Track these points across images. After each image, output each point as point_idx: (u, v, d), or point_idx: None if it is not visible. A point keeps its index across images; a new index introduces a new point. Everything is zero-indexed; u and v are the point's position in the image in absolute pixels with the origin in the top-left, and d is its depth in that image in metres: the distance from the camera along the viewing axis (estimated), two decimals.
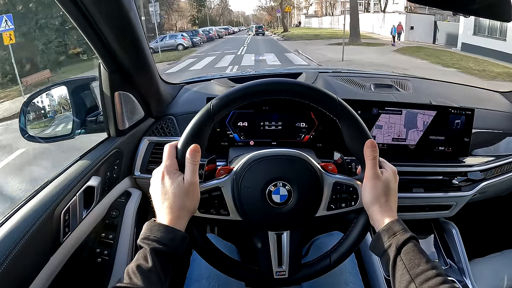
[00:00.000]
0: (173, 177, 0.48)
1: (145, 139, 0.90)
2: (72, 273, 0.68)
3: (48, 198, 0.62)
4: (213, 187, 0.53)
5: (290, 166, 0.54)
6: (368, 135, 0.52)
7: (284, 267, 0.55)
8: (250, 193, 0.53)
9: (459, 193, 0.91)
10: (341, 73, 1.16)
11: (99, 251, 0.76)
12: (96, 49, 0.70)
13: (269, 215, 0.53)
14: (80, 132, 0.85)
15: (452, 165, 0.90)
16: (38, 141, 0.82)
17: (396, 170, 0.54)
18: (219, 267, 0.55)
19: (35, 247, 0.57)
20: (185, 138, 0.50)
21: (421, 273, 0.44)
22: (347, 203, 0.54)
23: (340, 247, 0.56)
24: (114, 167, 0.81)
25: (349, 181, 0.54)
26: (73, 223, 0.67)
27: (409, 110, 0.88)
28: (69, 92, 0.84)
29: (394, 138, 0.89)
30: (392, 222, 0.49)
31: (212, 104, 0.50)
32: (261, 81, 0.51)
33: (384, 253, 0.48)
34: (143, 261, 0.43)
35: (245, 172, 0.53)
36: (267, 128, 0.88)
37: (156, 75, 0.87)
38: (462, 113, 0.88)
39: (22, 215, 0.58)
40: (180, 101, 1.00)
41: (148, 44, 0.79)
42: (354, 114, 0.52)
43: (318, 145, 0.89)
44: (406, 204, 0.91)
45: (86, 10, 0.60)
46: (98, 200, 0.75)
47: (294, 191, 0.53)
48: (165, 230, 0.45)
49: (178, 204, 0.47)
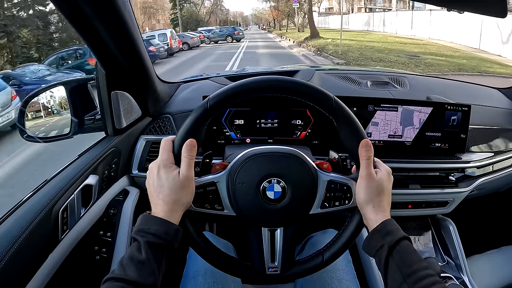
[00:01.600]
0: (168, 170, 0.49)
1: (143, 137, 0.90)
2: (70, 270, 0.69)
3: (47, 197, 0.63)
4: (208, 182, 0.54)
5: (285, 163, 0.55)
6: (363, 134, 0.52)
7: (276, 263, 0.55)
8: (245, 189, 0.53)
9: (456, 190, 0.91)
10: (338, 71, 1.16)
11: (97, 248, 0.77)
12: (92, 48, 0.70)
13: (263, 211, 0.54)
14: (78, 131, 0.86)
15: (448, 161, 0.90)
16: (37, 141, 0.83)
17: (390, 170, 0.54)
18: (213, 261, 0.56)
19: (33, 245, 0.58)
20: (181, 133, 0.51)
21: (413, 273, 0.44)
22: (341, 202, 0.55)
23: (333, 245, 0.56)
24: (112, 166, 0.82)
25: (343, 179, 0.55)
26: (71, 221, 0.67)
27: (405, 107, 0.88)
28: (67, 92, 0.85)
29: (390, 135, 0.89)
30: (385, 222, 0.49)
31: (209, 100, 0.51)
32: (257, 78, 0.52)
33: (376, 253, 0.48)
34: (136, 253, 0.43)
35: (240, 168, 0.54)
36: (263, 126, 0.88)
37: (152, 74, 0.88)
38: (459, 109, 0.88)
39: (20, 213, 0.59)
40: (177, 100, 1.01)
41: (144, 44, 0.80)
42: (350, 113, 0.52)
43: (314, 142, 0.89)
44: (402, 201, 0.91)
45: (81, 10, 0.60)
46: (96, 198, 0.76)
47: (288, 188, 0.53)
48: (159, 222, 0.46)
49: (173, 197, 0.48)
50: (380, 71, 1.26)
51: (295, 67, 1.32)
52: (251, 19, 66.66)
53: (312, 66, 2.12)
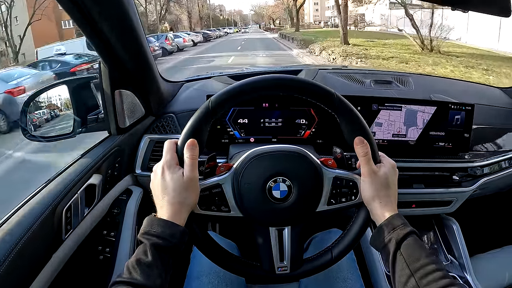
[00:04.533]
0: (173, 171, 0.48)
1: (146, 137, 0.90)
2: (74, 270, 0.68)
3: (50, 196, 0.63)
4: (213, 184, 0.53)
5: (289, 161, 0.54)
6: (366, 129, 0.52)
7: (285, 263, 0.55)
8: (250, 190, 0.53)
9: (460, 189, 0.91)
10: (341, 70, 1.16)
11: (101, 248, 0.77)
12: (96, 47, 0.70)
13: (269, 211, 0.53)
14: (81, 131, 0.85)
15: (452, 160, 0.90)
16: (40, 141, 0.82)
17: (395, 164, 0.54)
18: (220, 263, 0.55)
19: (37, 244, 0.57)
20: (185, 135, 0.50)
21: (421, 267, 0.44)
22: (347, 198, 0.54)
23: (341, 242, 0.56)
24: (115, 165, 0.82)
25: (349, 175, 0.54)
26: (74, 221, 0.67)
27: (409, 108, 0.88)
28: (70, 91, 0.85)
29: (394, 134, 0.89)
30: (392, 216, 0.49)
31: (211, 101, 0.51)
32: (260, 77, 0.51)
33: (384, 247, 0.48)
34: (143, 256, 0.43)
35: (245, 169, 0.54)
36: (267, 125, 0.88)
37: (156, 73, 0.87)
38: (462, 109, 0.88)
39: (24, 213, 0.58)
40: (180, 99, 1.01)
41: (147, 42, 0.80)
42: (353, 109, 0.52)
43: (318, 141, 0.89)
44: (406, 200, 0.91)
45: (85, 8, 0.60)
46: (99, 198, 0.75)
47: (294, 187, 0.53)
48: (165, 225, 0.46)
49: (178, 199, 0.47)
50: (381, 70, 1.26)
51: (298, 66, 1.32)
52: (251, 18, 65.15)
53: (315, 65, 2.11)
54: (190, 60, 11.68)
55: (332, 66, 1.27)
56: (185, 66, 10.12)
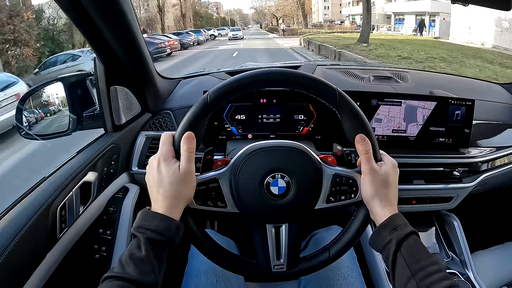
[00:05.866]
0: (169, 164, 0.47)
1: (142, 134, 0.89)
2: (69, 269, 0.67)
3: (44, 194, 0.61)
4: (210, 179, 0.52)
5: (288, 157, 0.53)
6: (368, 127, 0.51)
7: (282, 261, 0.54)
8: (248, 185, 0.52)
9: (460, 185, 0.90)
10: (340, 66, 1.15)
11: (97, 247, 0.76)
12: (90, 43, 0.69)
13: (267, 207, 0.52)
14: (76, 128, 0.84)
15: (452, 156, 0.89)
16: (35, 138, 0.81)
17: (396, 163, 0.53)
18: (216, 260, 0.54)
19: (31, 243, 0.56)
20: (182, 127, 0.49)
21: (421, 269, 0.43)
22: (346, 196, 0.53)
23: (340, 240, 0.55)
24: (111, 163, 0.81)
25: (348, 173, 0.53)
26: (69, 219, 0.66)
27: (408, 103, 0.87)
28: (65, 88, 0.83)
29: (394, 130, 0.88)
30: (392, 216, 0.48)
31: (209, 93, 0.49)
32: (258, 71, 0.50)
33: (384, 248, 0.47)
34: (136, 250, 0.42)
35: (243, 164, 0.52)
36: (265, 121, 0.87)
37: (152, 69, 0.86)
38: (463, 104, 0.87)
39: (17, 212, 0.57)
40: (177, 96, 0.99)
41: (143, 38, 0.79)
42: (354, 105, 0.51)
43: (317, 137, 0.88)
44: (406, 196, 0.90)
45: (80, 4, 0.59)
46: (95, 195, 0.74)
47: (293, 183, 0.52)
48: (159, 218, 0.44)
49: (173, 192, 0.46)
50: (381, 65, 1.25)
51: (296, 62, 1.31)
52: (251, 17, 64.00)
53: (313, 61, 2.10)
54: None
55: (330, 62, 1.25)
56: None
